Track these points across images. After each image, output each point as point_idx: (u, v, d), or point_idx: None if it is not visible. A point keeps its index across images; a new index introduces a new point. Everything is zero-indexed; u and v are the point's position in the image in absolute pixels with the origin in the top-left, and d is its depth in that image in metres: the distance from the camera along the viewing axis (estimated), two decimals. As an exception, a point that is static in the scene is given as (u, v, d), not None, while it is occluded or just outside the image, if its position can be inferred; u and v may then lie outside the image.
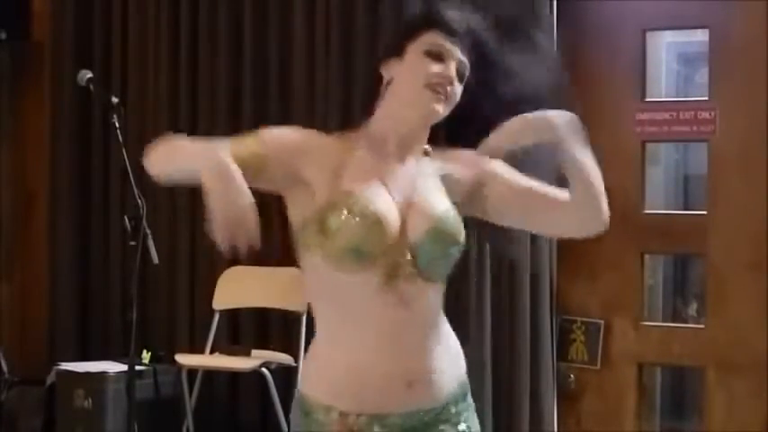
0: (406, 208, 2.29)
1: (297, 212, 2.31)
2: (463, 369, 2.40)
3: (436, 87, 2.28)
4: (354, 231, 2.22)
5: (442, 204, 2.33)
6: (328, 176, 2.28)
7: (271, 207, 5.83)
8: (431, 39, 2.30)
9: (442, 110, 2.30)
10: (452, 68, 2.29)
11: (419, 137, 2.36)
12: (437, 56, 2.29)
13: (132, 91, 5.79)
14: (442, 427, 2.32)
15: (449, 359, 2.36)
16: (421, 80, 2.28)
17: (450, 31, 2.30)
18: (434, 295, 2.33)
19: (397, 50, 2.32)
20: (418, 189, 2.32)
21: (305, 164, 2.28)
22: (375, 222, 2.23)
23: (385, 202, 2.27)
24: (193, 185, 2.24)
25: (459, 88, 2.31)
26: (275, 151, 2.28)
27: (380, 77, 2.34)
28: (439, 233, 2.29)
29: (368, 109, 2.36)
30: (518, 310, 5.03)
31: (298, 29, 5.43)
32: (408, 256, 2.27)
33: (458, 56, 2.30)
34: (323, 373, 2.31)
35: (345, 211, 2.23)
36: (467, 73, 2.33)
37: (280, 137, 2.33)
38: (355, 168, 2.29)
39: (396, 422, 2.28)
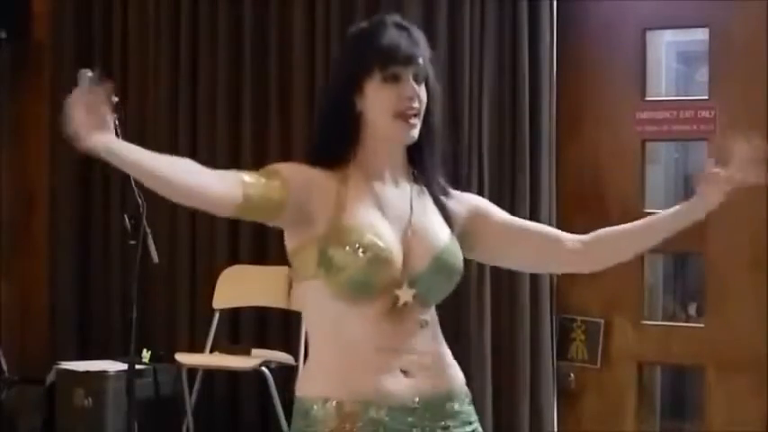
0: (408, 239, 2.30)
1: (293, 237, 2.31)
2: (463, 379, 2.39)
3: (405, 113, 2.28)
4: (360, 267, 2.22)
5: (442, 234, 2.35)
6: (330, 207, 2.27)
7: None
8: (382, 71, 2.28)
9: (417, 131, 2.31)
10: (412, 83, 2.30)
11: (402, 156, 2.37)
12: (394, 79, 2.29)
13: (132, 91, 5.79)
14: (447, 422, 2.31)
15: (449, 362, 2.37)
16: (389, 112, 2.28)
17: (397, 58, 2.28)
18: (432, 318, 2.35)
19: (355, 86, 2.30)
20: (417, 215, 2.33)
21: (312, 197, 2.27)
22: (382, 258, 2.24)
23: (389, 237, 2.27)
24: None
25: (423, 92, 2.32)
26: (295, 192, 2.25)
27: (351, 108, 2.32)
28: (441, 265, 2.31)
29: (351, 141, 2.33)
30: (518, 309, 5.03)
31: (297, 28, 5.43)
32: (410, 288, 2.28)
33: (413, 67, 2.30)
34: (318, 371, 2.31)
35: (350, 247, 2.23)
36: (426, 72, 2.33)
37: (294, 176, 2.28)
38: (354, 199, 2.29)
39: (393, 407, 2.26)
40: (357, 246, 2.23)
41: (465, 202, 2.46)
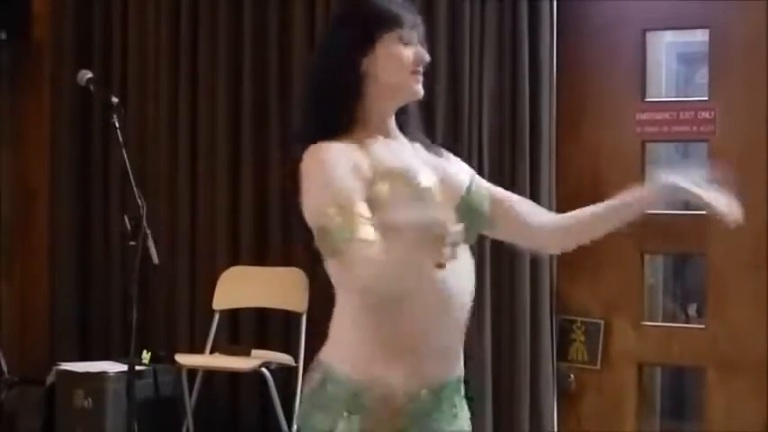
0: (438, 177, 2.44)
1: None
2: (461, 366, 2.47)
3: (418, 70, 2.44)
4: (407, 204, 2.30)
5: (462, 173, 2.52)
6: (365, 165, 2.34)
7: (270, 208, 5.79)
8: (398, 32, 2.43)
9: (422, 90, 2.46)
10: (421, 50, 2.46)
11: (393, 118, 2.50)
12: (407, 43, 2.45)
13: (132, 91, 5.79)
14: (435, 415, 2.39)
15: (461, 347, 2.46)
16: (406, 67, 2.42)
17: (409, 21, 2.46)
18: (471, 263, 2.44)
19: (366, 46, 2.41)
20: (432, 162, 2.47)
21: (353, 171, 2.32)
22: (426, 191, 2.35)
23: (425, 173, 2.39)
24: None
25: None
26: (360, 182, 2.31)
27: (352, 76, 2.40)
28: (470, 199, 2.48)
29: (353, 106, 2.41)
30: (518, 310, 5.03)
31: (297, 29, 5.43)
32: (452, 223, 2.30)
33: (417, 31, 2.48)
34: (346, 340, 2.36)
35: (391, 186, 2.31)
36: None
37: (344, 172, 2.31)
38: (380, 153, 2.37)
39: (412, 395, 2.34)
40: (399, 184, 2.32)
41: (465, 167, 2.59)
